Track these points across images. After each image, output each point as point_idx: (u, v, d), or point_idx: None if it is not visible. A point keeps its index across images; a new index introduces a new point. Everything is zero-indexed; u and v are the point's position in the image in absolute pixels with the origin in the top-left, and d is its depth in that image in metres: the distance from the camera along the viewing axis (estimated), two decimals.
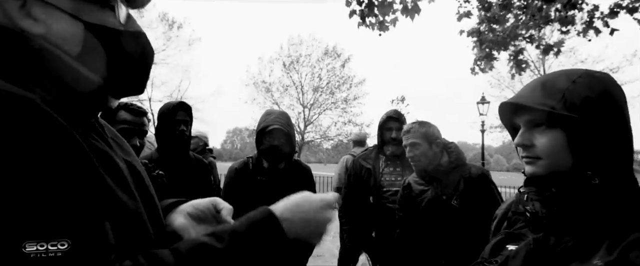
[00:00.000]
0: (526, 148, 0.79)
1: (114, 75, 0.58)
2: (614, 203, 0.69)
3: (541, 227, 0.77)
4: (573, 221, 0.72)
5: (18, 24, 0.50)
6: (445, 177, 2.01)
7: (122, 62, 0.59)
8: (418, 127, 2.05)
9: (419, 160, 2.02)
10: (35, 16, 0.51)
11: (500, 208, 1.03)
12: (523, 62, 5.52)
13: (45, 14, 0.52)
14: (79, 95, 0.56)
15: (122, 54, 0.58)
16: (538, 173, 0.77)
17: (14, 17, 0.50)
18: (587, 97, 0.71)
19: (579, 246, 0.69)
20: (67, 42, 0.53)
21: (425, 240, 2.02)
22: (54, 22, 0.52)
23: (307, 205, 0.64)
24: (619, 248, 0.63)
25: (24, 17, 0.51)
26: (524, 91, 0.80)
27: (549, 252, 0.72)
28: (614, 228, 0.67)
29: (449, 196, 1.96)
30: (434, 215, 1.97)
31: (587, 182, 0.70)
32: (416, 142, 2.02)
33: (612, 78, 0.76)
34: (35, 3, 0.51)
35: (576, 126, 0.71)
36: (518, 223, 0.88)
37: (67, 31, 0.53)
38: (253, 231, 0.58)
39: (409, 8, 4.31)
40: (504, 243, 0.85)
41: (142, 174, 0.66)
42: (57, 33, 0.53)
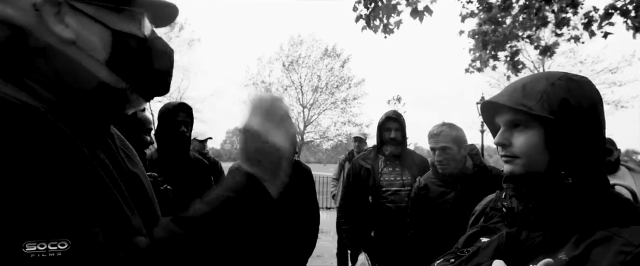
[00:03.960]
0: (505, 147, 0.81)
1: (142, 80, 0.63)
2: (584, 201, 0.71)
3: (515, 222, 0.79)
4: (545, 218, 0.75)
5: (52, 28, 0.53)
6: (470, 180, 1.99)
7: (146, 68, 0.63)
8: (449, 129, 1.98)
9: (447, 164, 1.98)
10: (68, 22, 0.55)
11: (480, 204, 1.07)
12: (519, 63, 5.53)
13: (76, 21, 0.56)
14: (100, 99, 0.59)
15: (146, 61, 0.62)
16: (516, 171, 0.79)
17: (48, 22, 0.53)
18: (564, 99, 0.73)
19: (547, 240, 0.72)
20: (95, 47, 0.57)
21: (446, 241, 2.01)
22: (84, 28, 0.56)
23: (251, 138, 0.59)
24: (585, 244, 0.66)
25: (57, 23, 0.54)
26: (506, 91, 0.82)
27: (519, 245, 0.75)
28: (582, 225, 0.69)
29: (474, 198, 1.96)
30: (460, 217, 1.96)
31: (560, 180, 0.73)
32: (447, 146, 1.96)
33: (590, 81, 0.78)
34: (68, 11, 0.55)
35: (552, 127, 0.73)
36: (495, 218, 0.91)
37: (95, 38, 0.57)
38: (226, 189, 0.56)
39: (419, 10, 4.31)
40: (479, 235, 0.89)
41: (146, 187, 0.67)
42: (86, 39, 0.56)
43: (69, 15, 0.55)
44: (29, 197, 0.41)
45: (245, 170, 0.58)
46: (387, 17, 4.40)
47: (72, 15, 0.55)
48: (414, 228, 2.18)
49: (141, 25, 0.63)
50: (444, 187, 2.05)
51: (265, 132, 0.58)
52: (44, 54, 0.54)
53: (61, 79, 0.55)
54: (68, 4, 0.55)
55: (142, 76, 0.63)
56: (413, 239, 2.18)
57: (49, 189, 0.42)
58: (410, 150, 2.72)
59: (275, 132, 0.59)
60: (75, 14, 0.56)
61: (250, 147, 0.59)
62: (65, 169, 0.45)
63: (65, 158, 0.46)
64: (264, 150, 0.58)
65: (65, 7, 0.55)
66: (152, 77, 0.65)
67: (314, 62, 21.60)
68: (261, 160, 0.59)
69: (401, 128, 2.53)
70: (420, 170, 2.44)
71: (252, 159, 0.59)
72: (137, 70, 0.62)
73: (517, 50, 5.45)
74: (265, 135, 0.58)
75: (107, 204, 0.51)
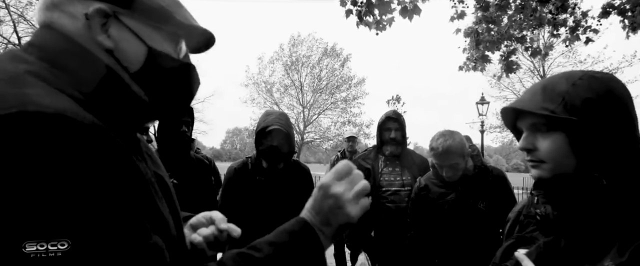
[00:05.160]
0: (530, 152, 0.79)
1: (162, 98, 0.65)
2: (623, 204, 0.67)
3: (551, 230, 0.76)
4: (583, 224, 0.71)
5: (96, 37, 0.58)
6: (471, 181, 1.99)
7: (172, 87, 0.66)
8: (452, 143, 1.91)
9: (455, 174, 1.98)
10: (110, 33, 0.59)
11: (513, 211, 1.02)
12: (514, 63, 5.51)
13: (118, 34, 0.60)
14: (126, 110, 0.61)
15: (174, 81, 0.66)
16: (543, 176, 0.77)
17: (94, 32, 0.58)
18: (588, 99, 0.70)
19: (589, 248, 0.69)
20: (129, 59, 0.61)
21: (447, 242, 2.00)
22: (123, 41, 0.60)
23: (329, 199, 0.62)
24: (631, 249, 0.62)
25: (102, 33, 0.58)
26: (525, 95, 0.80)
27: (559, 255, 0.72)
28: (624, 229, 0.66)
29: (475, 199, 1.96)
30: (460, 218, 1.96)
31: (594, 183, 0.69)
32: (455, 163, 1.93)
33: (614, 77, 0.75)
34: (114, 23, 0.59)
35: (577, 128, 0.70)
36: (529, 227, 0.88)
37: (131, 50, 0.61)
38: (292, 243, 0.60)
39: (408, 9, 4.31)
40: (516, 246, 0.85)
41: (169, 187, 0.70)
42: (123, 49, 0.60)
43: (113, 27, 0.59)
44: (29, 196, 0.41)
45: (312, 223, 0.62)
46: (380, 14, 4.39)
47: (116, 28, 0.60)
48: (414, 228, 2.18)
49: (177, 47, 0.67)
50: (444, 188, 2.05)
51: (346, 200, 0.62)
52: (84, 61, 0.57)
53: (97, 87, 0.57)
54: (115, 17, 0.59)
55: (163, 94, 0.65)
56: (413, 240, 2.18)
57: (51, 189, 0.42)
58: (410, 150, 2.72)
59: (352, 202, 0.62)
60: (119, 26, 0.60)
61: (326, 206, 0.62)
62: (124, 179, 0.48)
63: (124, 170, 0.49)
64: (338, 215, 0.62)
65: (112, 20, 0.59)
66: (173, 98, 0.67)
67: (314, 63, 21.61)
68: (332, 222, 0.62)
69: (401, 128, 2.53)
70: (420, 170, 2.44)
71: (324, 218, 0.62)
72: (161, 87, 0.64)
73: (513, 49, 5.43)
74: (344, 203, 0.61)
75: (154, 210, 0.55)
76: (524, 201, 0.99)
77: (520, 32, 5.16)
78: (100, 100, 0.56)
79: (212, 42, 0.74)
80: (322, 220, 0.62)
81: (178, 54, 0.67)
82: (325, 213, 0.62)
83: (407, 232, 2.23)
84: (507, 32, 5.10)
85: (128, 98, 0.60)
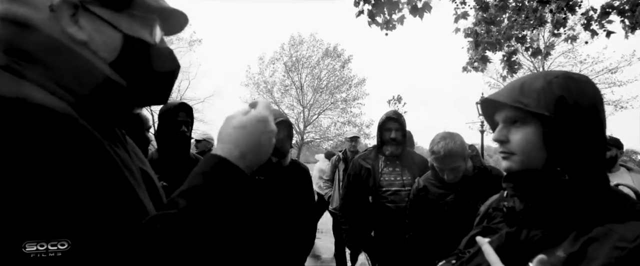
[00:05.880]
0: (502, 143, 0.82)
1: (142, 84, 0.64)
2: (582, 198, 0.72)
3: (516, 222, 0.80)
4: (544, 215, 0.75)
5: (66, 30, 0.56)
6: (470, 182, 1.99)
7: (151, 73, 0.65)
8: (453, 146, 1.90)
9: (456, 177, 1.98)
10: (81, 24, 0.57)
11: (484, 205, 1.07)
12: (516, 63, 5.52)
13: (90, 24, 0.58)
14: (107, 99, 0.60)
15: (152, 66, 0.65)
16: (512, 167, 0.80)
17: (64, 24, 0.56)
18: (561, 97, 0.73)
19: (547, 238, 0.73)
20: (105, 49, 0.59)
21: (447, 243, 2.00)
22: (96, 30, 0.59)
23: (246, 131, 0.62)
24: (582, 240, 0.66)
25: (72, 24, 0.57)
26: (504, 89, 0.83)
27: (518, 244, 0.76)
28: (580, 221, 0.70)
29: (474, 200, 1.94)
30: (460, 219, 1.94)
31: (557, 177, 0.73)
32: (456, 166, 1.93)
33: (590, 80, 0.78)
34: (83, 13, 0.58)
35: (549, 124, 0.74)
36: (497, 219, 0.92)
37: (106, 39, 0.59)
38: (212, 181, 0.56)
39: (418, 7, 4.30)
40: (480, 236, 0.88)
41: (155, 182, 0.69)
42: (98, 40, 0.59)
43: (83, 18, 0.58)
44: (30, 196, 0.41)
45: (221, 156, 0.59)
46: (389, 13, 4.39)
47: (86, 18, 0.58)
48: (413, 229, 2.18)
49: (152, 31, 0.66)
50: (443, 189, 2.04)
51: (266, 136, 0.62)
52: (56, 52, 0.55)
53: (75, 78, 0.57)
54: (83, 7, 0.57)
55: (143, 80, 0.64)
56: (412, 241, 2.18)
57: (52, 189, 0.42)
58: (411, 150, 2.72)
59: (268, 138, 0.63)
60: (90, 16, 0.58)
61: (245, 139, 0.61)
62: (99, 169, 0.47)
63: (97, 159, 0.48)
64: (256, 148, 0.61)
65: (80, 10, 0.57)
66: (153, 83, 0.66)
67: (314, 63, 21.61)
68: (247, 155, 0.60)
69: (401, 128, 2.53)
70: (421, 170, 2.44)
71: (242, 151, 0.60)
72: (139, 73, 0.63)
73: (514, 49, 5.44)
74: (266, 136, 0.62)
75: (134, 203, 0.53)
76: (496, 196, 1.02)
77: (521, 32, 5.16)
78: (79, 92, 0.56)
79: (185, 22, 0.72)
80: (240, 151, 0.60)
81: (154, 39, 0.66)
82: (246, 144, 0.60)
83: (406, 233, 2.23)
84: (506, 32, 5.10)
85: (108, 89, 0.59)
